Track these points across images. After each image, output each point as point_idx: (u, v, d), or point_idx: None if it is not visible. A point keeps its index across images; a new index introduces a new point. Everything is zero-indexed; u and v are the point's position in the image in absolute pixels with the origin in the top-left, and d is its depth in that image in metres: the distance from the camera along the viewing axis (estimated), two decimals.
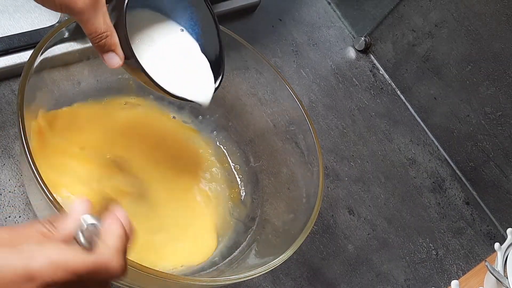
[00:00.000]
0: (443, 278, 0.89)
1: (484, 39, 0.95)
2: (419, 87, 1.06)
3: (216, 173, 0.77)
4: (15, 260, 0.33)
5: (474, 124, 1.00)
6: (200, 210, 0.72)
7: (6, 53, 0.71)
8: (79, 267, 0.35)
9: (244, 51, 0.74)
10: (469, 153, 1.02)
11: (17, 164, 0.67)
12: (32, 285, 0.33)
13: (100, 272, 0.37)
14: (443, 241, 0.93)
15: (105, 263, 0.37)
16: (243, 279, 0.58)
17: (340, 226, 0.86)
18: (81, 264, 0.35)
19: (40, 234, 0.37)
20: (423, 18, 1.02)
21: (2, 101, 0.71)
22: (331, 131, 0.96)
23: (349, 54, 1.10)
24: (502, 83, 0.95)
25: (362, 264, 0.84)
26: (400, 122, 1.05)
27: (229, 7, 0.95)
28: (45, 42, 0.60)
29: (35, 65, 0.59)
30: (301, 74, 1.00)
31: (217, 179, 0.76)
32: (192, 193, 0.73)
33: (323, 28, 1.10)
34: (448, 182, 1.02)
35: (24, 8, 0.76)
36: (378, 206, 0.91)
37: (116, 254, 0.38)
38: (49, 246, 0.36)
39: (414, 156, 1.02)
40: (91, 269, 0.36)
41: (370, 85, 1.07)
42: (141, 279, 0.55)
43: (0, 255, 0.34)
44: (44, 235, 0.37)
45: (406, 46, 1.06)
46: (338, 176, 0.91)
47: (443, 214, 0.97)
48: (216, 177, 0.76)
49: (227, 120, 0.79)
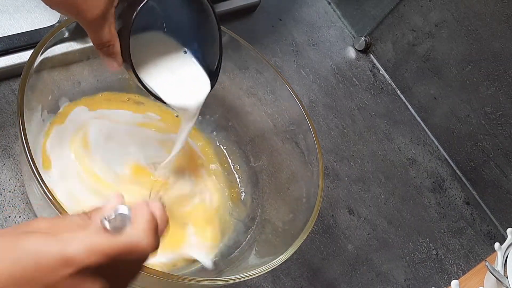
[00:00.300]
0: (443, 278, 0.89)
1: (484, 39, 0.95)
2: (419, 87, 1.06)
3: (216, 173, 0.77)
4: (52, 246, 0.35)
5: (474, 124, 1.00)
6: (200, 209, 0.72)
7: (6, 53, 0.71)
8: (110, 249, 0.37)
9: (244, 51, 0.74)
10: (469, 153, 1.02)
11: (17, 164, 0.67)
12: (68, 270, 0.35)
13: (131, 253, 0.38)
14: (443, 241, 0.93)
15: (135, 243, 0.38)
16: (243, 279, 0.58)
17: (340, 226, 0.86)
18: (111, 246, 0.37)
19: (76, 225, 0.38)
20: (423, 18, 1.02)
21: (2, 101, 0.71)
22: (331, 131, 0.96)
23: (349, 54, 1.10)
24: (502, 83, 0.95)
25: (362, 264, 0.84)
26: (400, 122, 1.05)
27: (229, 7, 0.95)
28: (45, 42, 0.60)
29: (35, 65, 0.59)
30: (301, 74, 1.00)
31: (217, 179, 0.76)
32: (192, 192, 0.73)
33: (323, 28, 1.10)
34: (448, 182, 1.02)
35: (24, 8, 0.76)
36: (378, 206, 0.91)
37: (145, 234, 0.39)
38: (82, 233, 0.37)
39: (414, 156, 1.02)
40: (122, 250, 0.37)
41: (370, 85, 1.07)
42: (141, 279, 0.55)
43: (39, 241, 0.35)
44: (79, 226, 0.38)
45: (406, 46, 1.06)
46: (338, 176, 0.91)
47: (443, 214, 0.97)
48: (216, 177, 0.76)
49: (227, 120, 0.79)
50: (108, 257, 0.36)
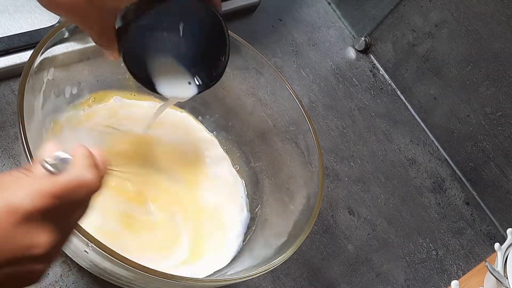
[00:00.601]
0: (443, 278, 0.89)
1: (484, 39, 0.95)
2: (419, 87, 1.06)
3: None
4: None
5: (474, 124, 1.00)
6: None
7: (6, 53, 0.71)
8: (54, 189, 0.37)
9: (244, 51, 0.74)
10: (469, 153, 1.02)
11: (17, 164, 0.67)
12: (13, 218, 0.35)
13: (76, 189, 0.38)
14: (443, 241, 0.93)
15: (78, 178, 0.38)
16: (243, 279, 0.58)
17: (340, 226, 0.86)
18: (55, 186, 0.37)
19: (18, 177, 0.38)
20: (423, 18, 1.02)
21: (2, 101, 0.71)
22: (331, 131, 0.96)
23: (349, 54, 1.10)
24: (502, 83, 0.95)
25: (362, 264, 0.84)
26: (400, 122, 1.05)
27: (229, 7, 0.95)
28: (45, 42, 0.60)
29: (35, 65, 0.59)
30: (301, 74, 1.00)
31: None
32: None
33: (323, 28, 1.10)
34: (448, 182, 1.02)
35: (24, 8, 0.76)
36: (378, 206, 0.91)
37: (86, 169, 0.39)
38: (25, 180, 0.37)
39: (414, 156, 1.02)
40: (67, 188, 0.37)
41: (370, 85, 1.07)
42: (140, 279, 0.55)
43: None
44: (21, 178, 0.38)
45: (406, 46, 1.06)
46: (338, 176, 0.91)
47: (443, 214, 0.97)
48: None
49: (227, 120, 0.79)
50: (53, 198, 0.36)
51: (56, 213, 0.37)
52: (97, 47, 0.56)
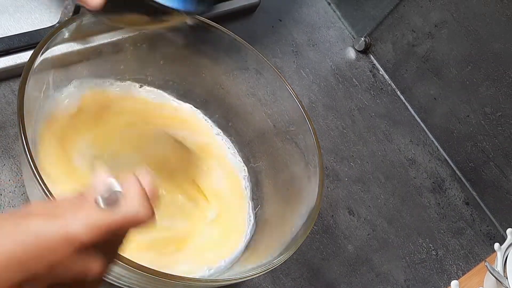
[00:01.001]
0: (443, 278, 0.89)
1: (484, 39, 0.95)
2: (419, 87, 1.06)
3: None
4: (52, 226, 0.36)
5: (474, 124, 1.00)
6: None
7: (6, 53, 0.71)
8: (110, 223, 0.38)
9: (244, 51, 0.74)
10: (469, 153, 1.02)
11: (17, 164, 0.67)
12: (70, 248, 0.36)
13: (130, 225, 0.40)
14: (443, 241, 0.93)
15: (134, 215, 0.40)
16: (243, 279, 0.58)
17: (340, 226, 0.86)
18: (111, 220, 0.38)
19: (72, 205, 0.39)
20: (423, 18, 1.02)
21: (2, 101, 0.71)
22: (331, 131, 0.96)
23: (349, 54, 1.10)
24: (502, 83, 0.95)
25: (362, 264, 0.84)
26: (400, 122, 1.05)
27: (229, 7, 0.95)
28: (45, 42, 0.60)
29: (35, 65, 0.59)
30: (301, 74, 1.00)
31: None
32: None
33: (323, 28, 1.10)
34: (448, 182, 1.02)
35: (24, 8, 0.76)
36: (378, 206, 0.91)
37: (140, 203, 0.40)
38: (81, 211, 0.38)
39: (414, 156, 1.02)
40: (120, 224, 0.39)
41: (370, 85, 1.07)
42: (140, 279, 0.55)
43: (38, 222, 0.36)
44: (75, 205, 0.39)
45: (406, 46, 1.06)
46: (338, 176, 0.91)
47: (443, 214, 0.97)
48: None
49: (227, 120, 0.79)
50: (108, 233, 0.38)
51: (106, 245, 0.39)
52: (97, 47, 0.56)
